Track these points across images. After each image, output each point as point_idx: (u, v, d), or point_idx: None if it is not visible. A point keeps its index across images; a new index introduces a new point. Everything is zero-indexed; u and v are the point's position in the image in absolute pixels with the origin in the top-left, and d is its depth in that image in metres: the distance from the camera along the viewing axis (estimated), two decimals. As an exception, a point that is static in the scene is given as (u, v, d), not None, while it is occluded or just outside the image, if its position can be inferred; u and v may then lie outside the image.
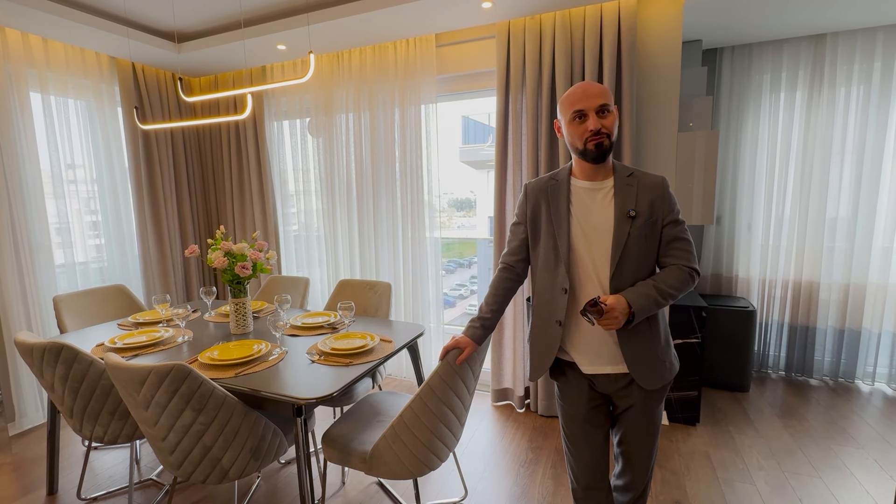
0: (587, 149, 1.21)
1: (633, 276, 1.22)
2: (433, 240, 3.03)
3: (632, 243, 1.21)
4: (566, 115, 1.23)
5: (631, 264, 1.22)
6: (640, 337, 1.24)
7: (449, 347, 1.42)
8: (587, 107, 1.19)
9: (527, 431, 2.55)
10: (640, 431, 1.31)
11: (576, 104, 1.20)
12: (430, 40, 2.80)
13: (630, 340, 1.23)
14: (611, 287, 1.22)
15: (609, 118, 1.20)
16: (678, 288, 1.20)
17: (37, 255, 2.69)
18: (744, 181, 3.20)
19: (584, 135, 1.20)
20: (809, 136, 3.00)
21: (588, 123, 1.19)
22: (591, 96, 1.19)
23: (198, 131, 3.72)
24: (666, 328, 1.31)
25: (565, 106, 1.23)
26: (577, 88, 1.21)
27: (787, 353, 3.21)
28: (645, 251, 1.23)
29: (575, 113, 1.20)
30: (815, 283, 3.08)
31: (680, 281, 1.20)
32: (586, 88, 1.20)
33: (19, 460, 2.37)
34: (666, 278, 1.21)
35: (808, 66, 2.94)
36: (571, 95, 1.22)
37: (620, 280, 1.22)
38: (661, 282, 1.20)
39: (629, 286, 1.22)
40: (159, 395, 1.37)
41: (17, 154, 2.59)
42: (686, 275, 1.21)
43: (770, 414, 2.69)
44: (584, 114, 1.19)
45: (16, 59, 2.58)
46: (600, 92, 1.19)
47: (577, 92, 1.21)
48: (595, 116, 1.19)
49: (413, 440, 1.49)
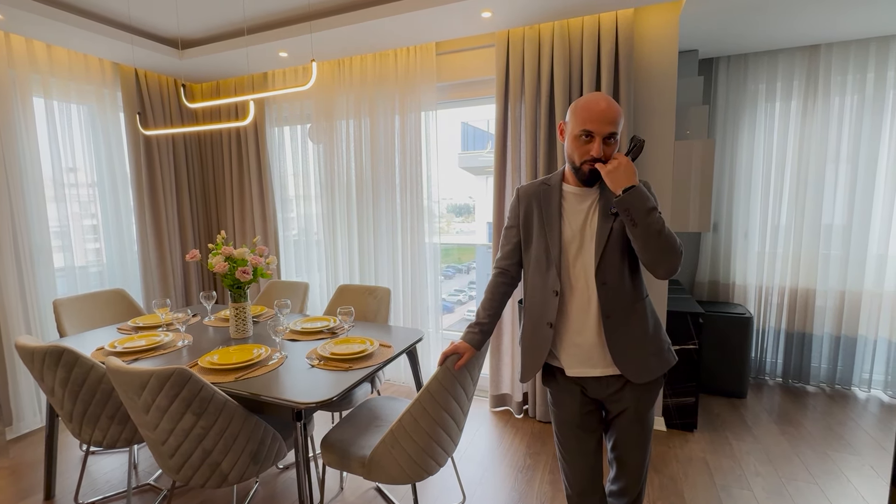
0: (582, 169, 1.24)
1: (617, 270, 1.25)
2: (432, 245, 3.05)
3: (615, 237, 1.24)
4: (574, 127, 1.21)
5: (614, 258, 1.25)
6: (626, 327, 1.25)
7: (448, 353, 1.44)
8: (597, 131, 1.17)
9: (525, 437, 2.56)
10: (632, 436, 1.32)
11: (587, 123, 1.17)
12: (430, 48, 2.83)
13: (616, 330, 1.25)
14: (597, 281, 1.24)
15: (613, 146, 1.21)
16: (670, 234, 1.17)
17: (37, 259, 2.70)
18: (740, 189, 3.23)
19: (585, 156, 1.21)
20: (805, 145, 3.03)
21: (592, 148, 1.19)
22: (606, 122, 1.16)
23: (199, 136, 3.74)
24: (655, 319, 1.32)
25: (577, 118, 1.20)
26: (595, 106, 1.17)
27: (784, 360, 3.23)
28: (628, 245, 1.25)
29: (583, 131, 1.19)
30: (812, 289, 3.10)
31: (673, 233, 1.18)
32: (604, 112, 1.16)
33: (17, 464, 2.36)
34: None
35: (802, 77, 2.99)
36: (586, 111, 1.18)
37: (605, 274, 1.24)
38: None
39: (615, 281, 1.24)
40: (160, 399, 1.38)
41: (19, 158, 2.60)
42: (676, 237, 1.20)
43: (767, 420, 2.70)
44: (591, 135, 1.19)
45: (20, 64, 2.61)
46: (614, 119, 1.17)
47: (594, 110, 1.17)
48: (601, 142, 1.18)
49: (412, 445, 1.50)
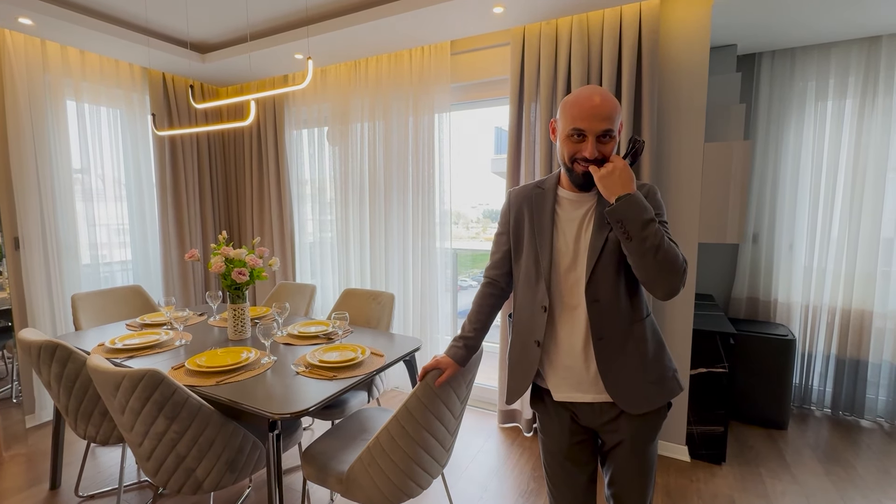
0: (574, 171, 1.10)
1: (611, 286, 1.09)
2: (444, 250, 2.94)
3: (610, 250, 1.08)
4: (565, 125, 1.08)
5: (609, 272, 1.09)
6: (621, 350, 1.09)
7: (429, 368, 1.33)
8: (589, 129, 1.04)
9: (531, 458, 2.39)
10: (630, 471, 1.16)
11: (577, 121, 1.04)
12: (444, 48, 2.75)
13: (608, 353, 1.09)
14: (587, 297, 1.09)
15: (609, 145, 1.06)
16: (671, 249, 1.00)
17: (64, 255, 2.82)
18: (784, 196, 2.92)
19: (575, 155, 1.08)
20: (861, 149, 2.70)
21: (584, 148, 1.05)
22: (597, 119, 1.03)
23: (223, 138, 3.83)
24: (657, 341, 1.15)
25: (567, 116, 1.07)
26: (585, 101, 1.04)
27: (834, 389, 2.88)
28: (625, 260, 1.08)
29: (574, 129, 1.05)
30: (868, 311, 2.75)
31: (675, 249, 1.02)
32: (595, 108, 1.03)
33: (33, 452, 2.45)
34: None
35: (859, 72, 2.67)
36: (576, 107, 1.05)
37: (597, 290, 1.09)
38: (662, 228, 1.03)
39: (609, 298, 1.08)
40: (133, 401, 1.35)
41: (50, 158, 2.73)
42: (679, 253, 1.03)
43: (810, 457, 2.40)
44: (583, 134, 1.05)
45: (54, 69, 2.74)
46: (608, 115, 1.03)
47: (584, 106, 1.04)
48: (594, 142, 1.04)
49: (390, 465, 1.40)
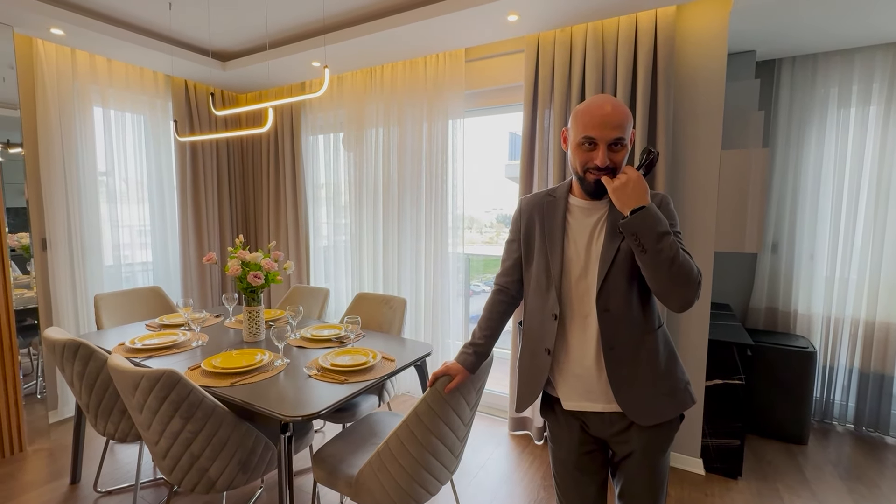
0: (586, 179, 1.11)
1: (623, 296, 1.08)
2: (456, 255, 2.95)
3: (622, 259, 1.08)
4: (576, 134, 1.09)
5: (620, 282, 1.08)
6: (633, 361, 1.09)
7: (438, 374, 1.34)
8: (600, 137, 1.04)
9: (542, 466, 2.37)
10: (640, 483, 1.14)
11: (588, 129, 1.05)
12: (459, 55, 2.77)
13: (619, 364, 1.08)
14: (598, 307, 1.09)
15: (621, 153, 1.07)
16: (685, 262, 1.00)
17: (88, 256, 2.91)
18: (805, 205, 2.85)
19: (587, 164, 1.09)
20: (886, 156, 2.63)
21: (596, 157, 1.06)
22: (609, 127, 1.03)
23: (241, 144, 3.91)
24: (670, 352, 1.14)
25: (578, 124, 1.08)
26: (598, 110, 1.05)
27: (858, 404, 2.78)
28: (637, 270, 1.08)
29: (585, 138, 1.06)
30: (893, 323, 2.66)
31: (690, 261, 1.02)
32: (606, 117, 1.03)
33: (55, 447, 2.53)
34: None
35: (885, 78, 2.60)
36: (587, 115, 1.06)
37: (608, 300, 1.08)
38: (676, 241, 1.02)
39: (621, 308, 1.08)
40: (150, 400, 1.39)
41: (77, 162, 2.83)
42: (694, 265, 1.03)
43: (831, 474, 2.33)
44: (595, 143, 1.06)
45: (83, 77, 2.85)
46: (619, 123, 1.04)
47: (595, 114, 1.05)
48: (605, 150, 1.05)
49: (399, 470, 1.40)
